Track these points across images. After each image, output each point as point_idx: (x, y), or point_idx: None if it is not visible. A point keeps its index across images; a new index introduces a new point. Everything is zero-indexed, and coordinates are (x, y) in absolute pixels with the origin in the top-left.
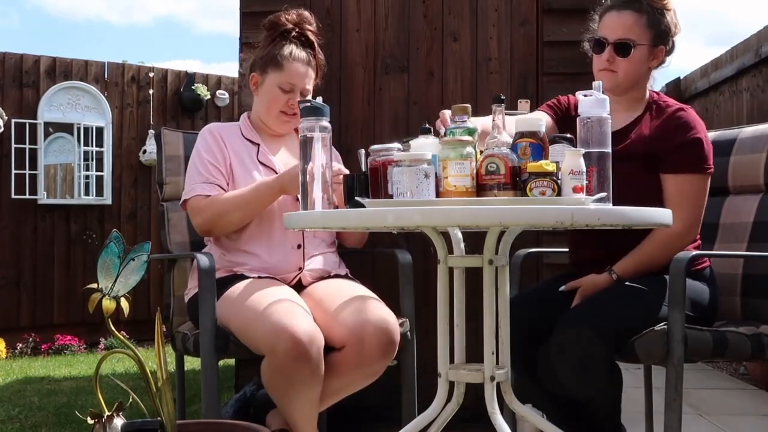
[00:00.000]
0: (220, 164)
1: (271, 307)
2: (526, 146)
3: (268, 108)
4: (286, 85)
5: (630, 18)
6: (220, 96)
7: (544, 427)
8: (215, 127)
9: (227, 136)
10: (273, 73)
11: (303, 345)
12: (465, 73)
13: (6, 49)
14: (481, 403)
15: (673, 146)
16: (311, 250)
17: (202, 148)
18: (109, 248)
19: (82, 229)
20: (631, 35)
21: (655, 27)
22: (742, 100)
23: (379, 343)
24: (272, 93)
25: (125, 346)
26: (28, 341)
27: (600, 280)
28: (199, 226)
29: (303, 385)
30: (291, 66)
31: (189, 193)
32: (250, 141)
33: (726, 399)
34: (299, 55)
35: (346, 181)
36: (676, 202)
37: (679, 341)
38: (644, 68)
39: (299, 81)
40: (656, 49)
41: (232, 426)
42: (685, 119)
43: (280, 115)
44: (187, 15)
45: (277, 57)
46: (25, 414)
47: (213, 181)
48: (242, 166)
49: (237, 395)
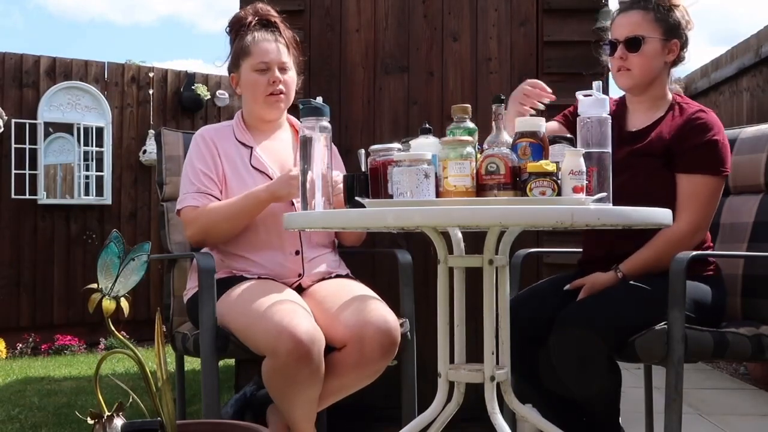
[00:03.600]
0: (212, 172)
1: (272, 307)
2: (526, 146)
3: (253, 96)
4: (260, 65)
5: (637, 16)
6: (220, 96)
7: (544, 427)
8: (207, 132)
9: (220, 141)
10: (245, 61)
11: (304, 346)
12: (465, 73)
13: (7, 49)
14: (481, 403)
15: (689, 146)
16: (310, 255)
17: (195, 156)
18: (109, 248)
19: (82, 229)
20: (640, 31)
21: (665, 21)
22: (742, 100)
23: (380, 342)
24: (251, 79)
25: (125, 346)
26: (28, 341)
27: (605, 278)
28: (190, 238)
29: (304, 386)
30: (258, 47)
31: (180, 203)
32: (243, 144)
33: (726, 399)
34: (263, 36)
35: (346, 181)
36: (685, 202)
37: (679, 341)
38: (659, 63)
39: (271, 57)
40: (670, 42)
41: (232, 426)
42: (704, 120)
43: (267, 98)
44: (190, 14)
45: (243, 47)
46: (25, 414)
47: (204, 190)
48: (235, 172)
49: (237, 395)
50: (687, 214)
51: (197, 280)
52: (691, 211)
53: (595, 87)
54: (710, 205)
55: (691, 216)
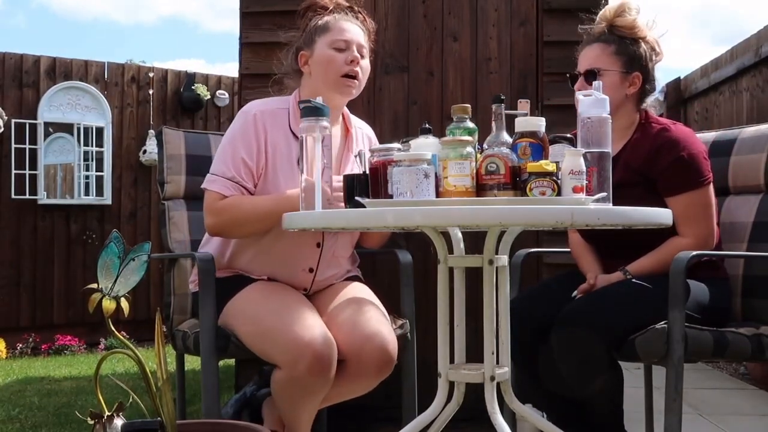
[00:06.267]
0: (253, 162)
1: (287, 317)
2: (525, 146)
3: (325, 75)
4: (341, 43)
5: (597, 49)
6: (220, 96)
7: (544, 427)
8: (262, 114)
9: (272, 127)
10: (321, 37)
11: (324, 359)
12: (465, 73)
13: (7, 49)
14: (481, 403)
15: (662, 168)
16: (324, 272)
17: (240, 138)
18: (109, 248)
19: (82, 229)
20: (598, 63)
21: (625, 54)
22: (742, 100)
23: (377, 361)
24: (327, 55)
25: (125, 346)
26: (28, 341)
27: (612, 278)
28: (210, 227)
29: (316, 395)
30: (339, 24)
31: (209, 182)
32: (295, 135)
33: (726, 399)
34: (346, 17)
35: (346, 181)
36: (684, 221)
37: (679, 341)
38: (620, 95)
39: (353, 35)
40: (630, 75)
41: (232, 426)
42: (667, 138)
43: (341, 79)
44: (192, 14)
45: (322, 24)
46: (25, 414)
47: (238, 180)
48: (280, 165)
49: (237, 395)
50: (689, 229)
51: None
52: (691, 225)
53: (595, 87)
54: (708, 215)
55: (694, 230)
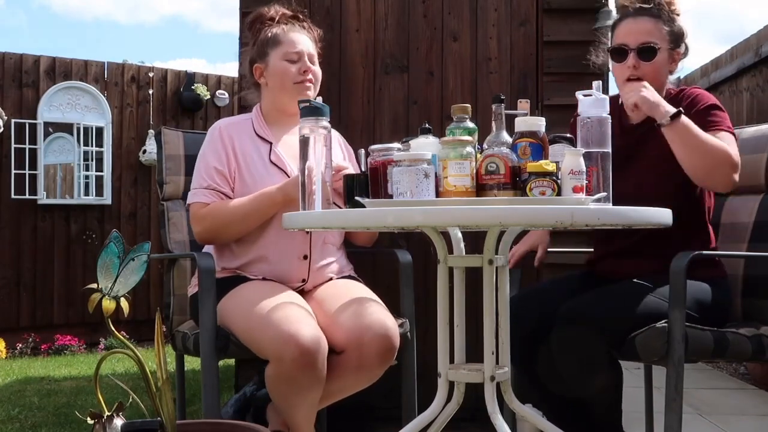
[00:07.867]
0: (225, 168)
1: (276, 312)
2: (525, 146)
3: (281, 85)
4: (293, 55)
5: (648, 23)
6: (220, 96)
7: (544, 427)
8: (225, 126)
9: (237, 135)
10: (274, 51)
11: (310, 353)
12: (465, 73)
13: (8, 49)
14: (481, 403)
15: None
16: (318, 261)
17: (209, 150)
18: (109, 248)
19: (82, 229)
20: (653, 38)
21: (672, 29)
22: (742, 100)
23: (379, 348)
24: (281, 68)
25: (125, 346)
26: (28, 341)
27: (657, 107)
28: (198, 234)
29: (307, 391)
30: (289, 36)
31: (190, 197)
32: (262, 138)
33: (726, 399)
34: (293, 27)
35: (346, 181)
36: None
37: (680, 341)
38: (666, 74)
39: (303, 46)
40: (674, 52)
41: (232, 426)
42: (697, 93)
43: (297, 86)
44: (193, 14)
45: (272, 37)
46: (25, 414)
47: (215, 187)
48: (252, 168)
49: (237, 395)
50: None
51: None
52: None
53: (595, 87)
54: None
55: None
